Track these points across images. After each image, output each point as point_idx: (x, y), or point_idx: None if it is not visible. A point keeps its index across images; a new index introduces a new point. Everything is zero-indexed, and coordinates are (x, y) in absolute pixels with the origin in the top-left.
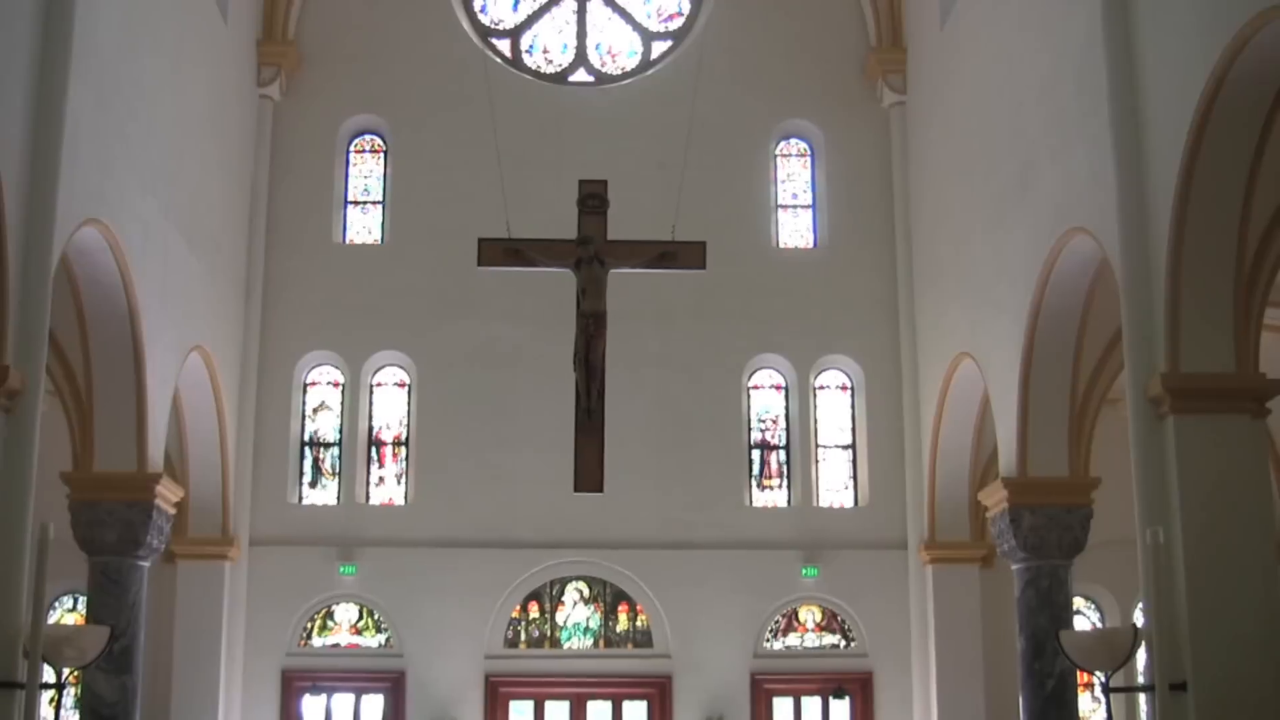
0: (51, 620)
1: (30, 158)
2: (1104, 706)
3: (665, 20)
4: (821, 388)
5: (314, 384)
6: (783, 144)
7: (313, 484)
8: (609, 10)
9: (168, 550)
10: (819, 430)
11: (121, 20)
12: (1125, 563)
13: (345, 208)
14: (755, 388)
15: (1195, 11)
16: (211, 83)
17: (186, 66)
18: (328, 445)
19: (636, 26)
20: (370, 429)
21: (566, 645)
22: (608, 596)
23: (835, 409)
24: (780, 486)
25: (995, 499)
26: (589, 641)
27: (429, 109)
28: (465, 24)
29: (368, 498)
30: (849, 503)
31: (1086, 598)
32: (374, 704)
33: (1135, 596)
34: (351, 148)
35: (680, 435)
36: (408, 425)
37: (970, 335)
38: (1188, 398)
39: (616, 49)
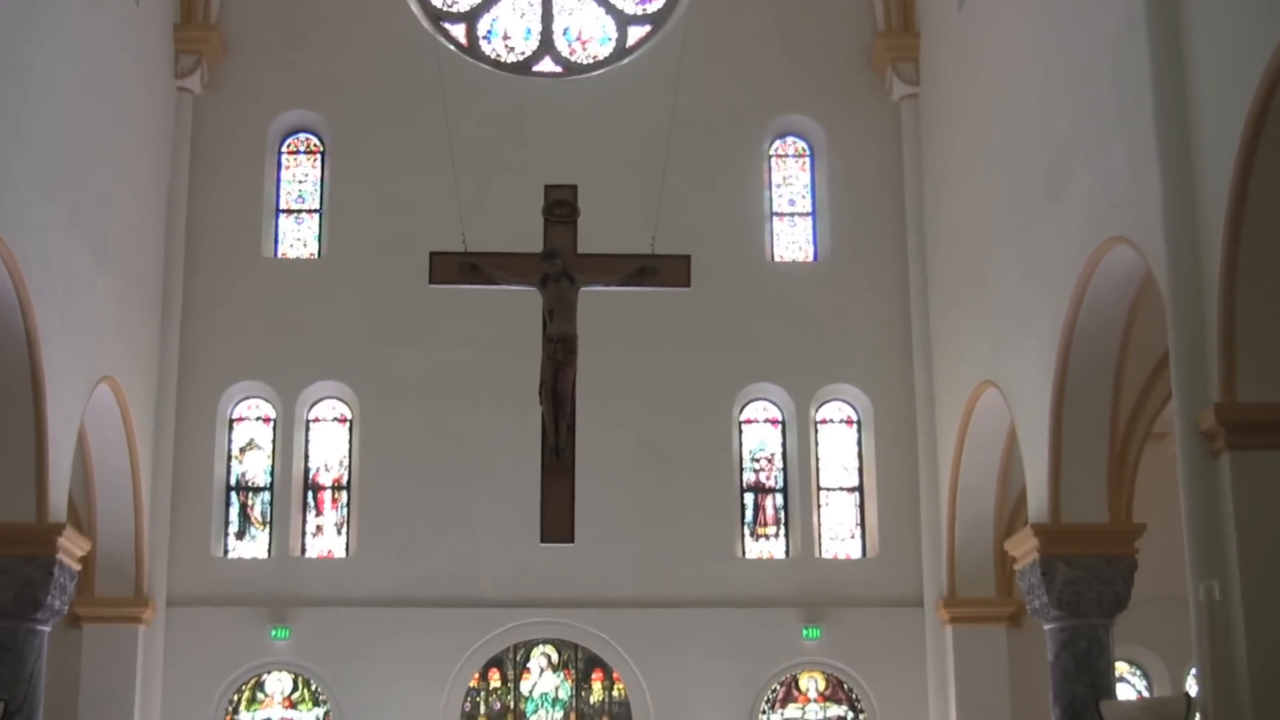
0: None
1: None
2: None
3: (643, 2)
4: (824, 422)
5: (241, 419)
6: (778, 143)
7: (240, 535)
8: None
9: (71, 612)
10: (821, 470)
11: None
12: (1175, 622)
13: (277, 217)
14: (748, 422)
15: None
16: (121, 73)
17: (92, 53)
18: (257, 490)
19: (610, 9)
20: (306, 471)
21: (533, 719)
22: (580, 663)
23: (839, 446)
24: (777, 535)
25: (1024, 549)
26: (558, 715)
27: (372, 104)
28: (414, 6)
29: (303, 550)
30: (856, 553)
31: (1130, 662)
32: None
33: (1187, 661)
34: (284, 148)
35: (662, 477)
36: (349, 466)
37: (994, 361)
38: (1245, 432)
39: (587, 35)
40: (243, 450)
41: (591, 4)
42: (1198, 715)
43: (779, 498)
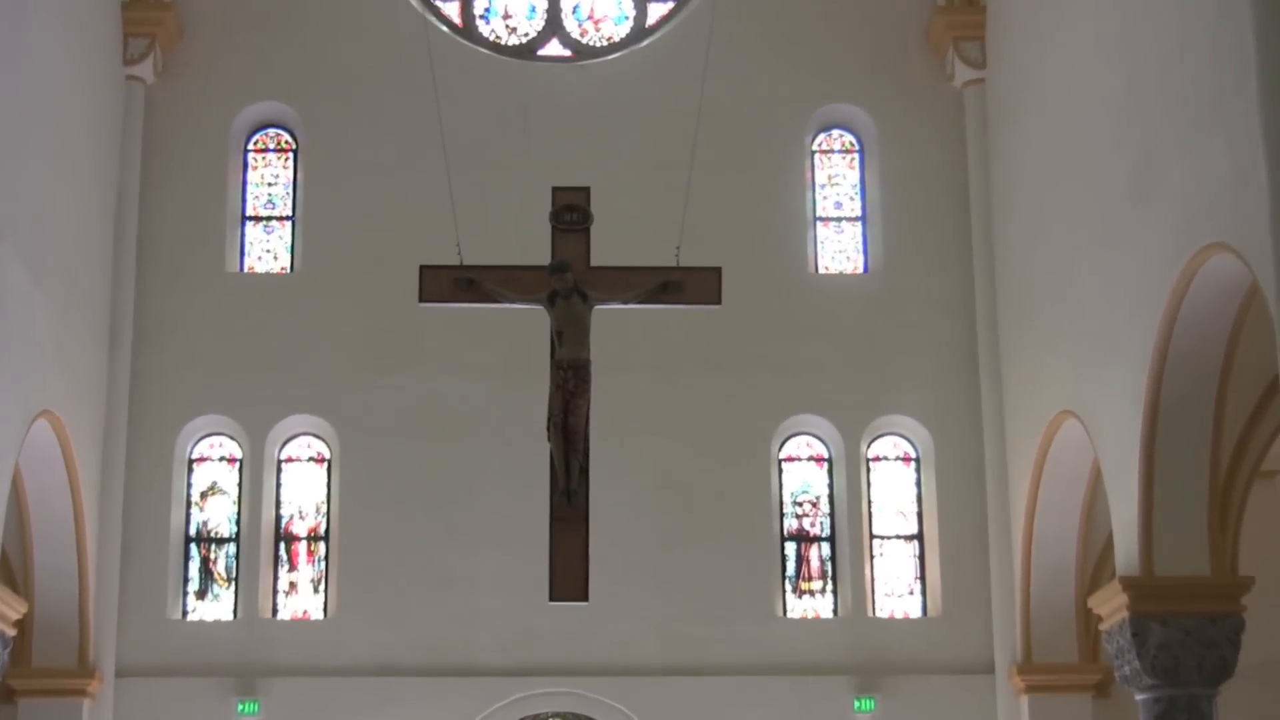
0: None
1: None
2: None
3: None
4: (877, 459)
5: (202, 460)
6: (822, 137)
7: (201, 593)
8: None
9: (5, 685)
10: (874, 516)
11: None
12: None
13: (242, 225)
14: (789, 460)
15: None
16: (61, 59)
17: (25, 36)
18: (221, 541)
19: None
20: (278, 519)
21: None
22: None
23: (895, 487)
24: (823, 591)
25: (1111, 606)
26: None
27: (353, 94)
28: None
29: (275, 611)
30: (915, 612)
31: None
32: None
33: None
34: (250, 146)
35: (690, 524)
36: (327, 514)
37: (1074, 388)
38: None
39: (600, 13)
40: (204, 495)
41: None
42: None
43: (825, 548)
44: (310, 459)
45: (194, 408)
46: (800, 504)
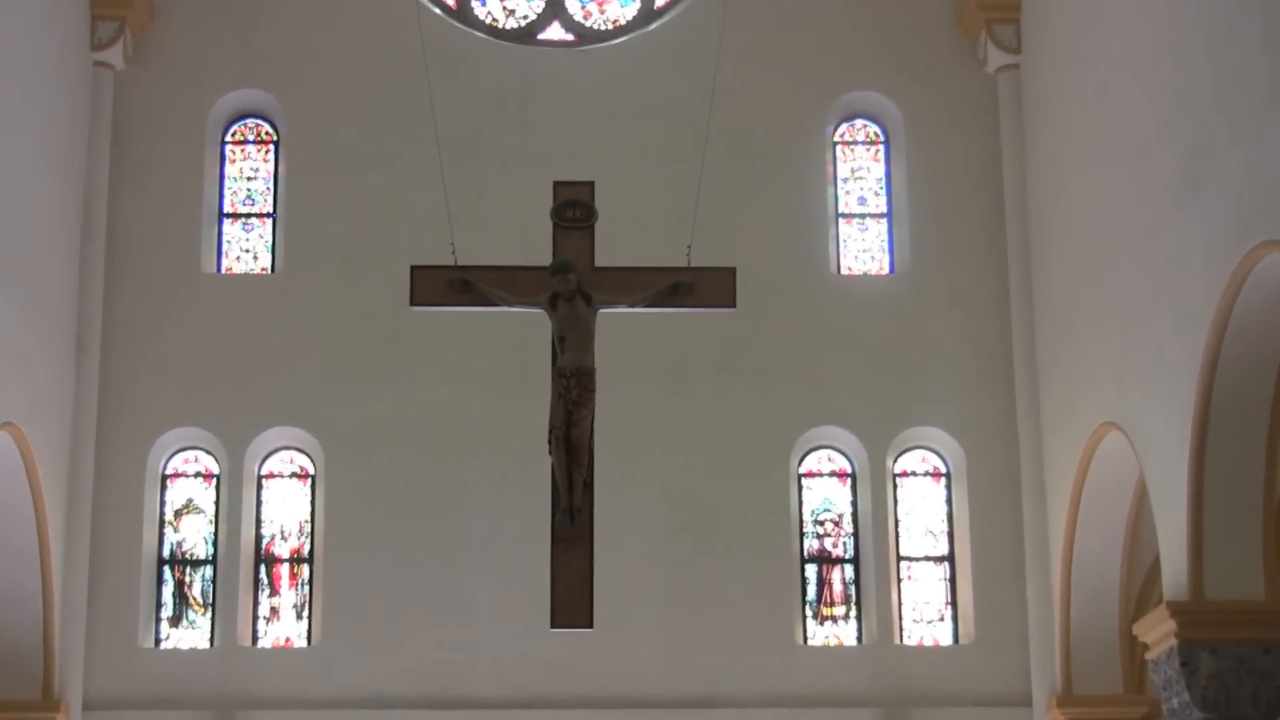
0: None
1: None
2: None
3: None
4: (904, 475)
5: (177, 476)
6: (845, 127)
7: (175, 620)
8: None
9: None
10: (901, 536)
11: None
12: None
13: (220, 223)
14: (809, 475)
15: None
16: (23, 43)
17: None
18: (197, 564)
19: None
20: (258, 540)
21: None
22: None
23: (924, 505)
24: (847, 617)
25: (1158, 633)
26: None
27: (338, 82)
28: None
29: (255, 639)
30: (946, 639)
31: None
32: None
33: None
34: (228, 137)
35: (702, 545)
36: (311, 534)
37: (1117, 397)
38: None
39: None
40: (179, 514)
41: None
42: None
43: (849, 570)
44: (293, 475)
45: (167, 420)
46: (821, 523)
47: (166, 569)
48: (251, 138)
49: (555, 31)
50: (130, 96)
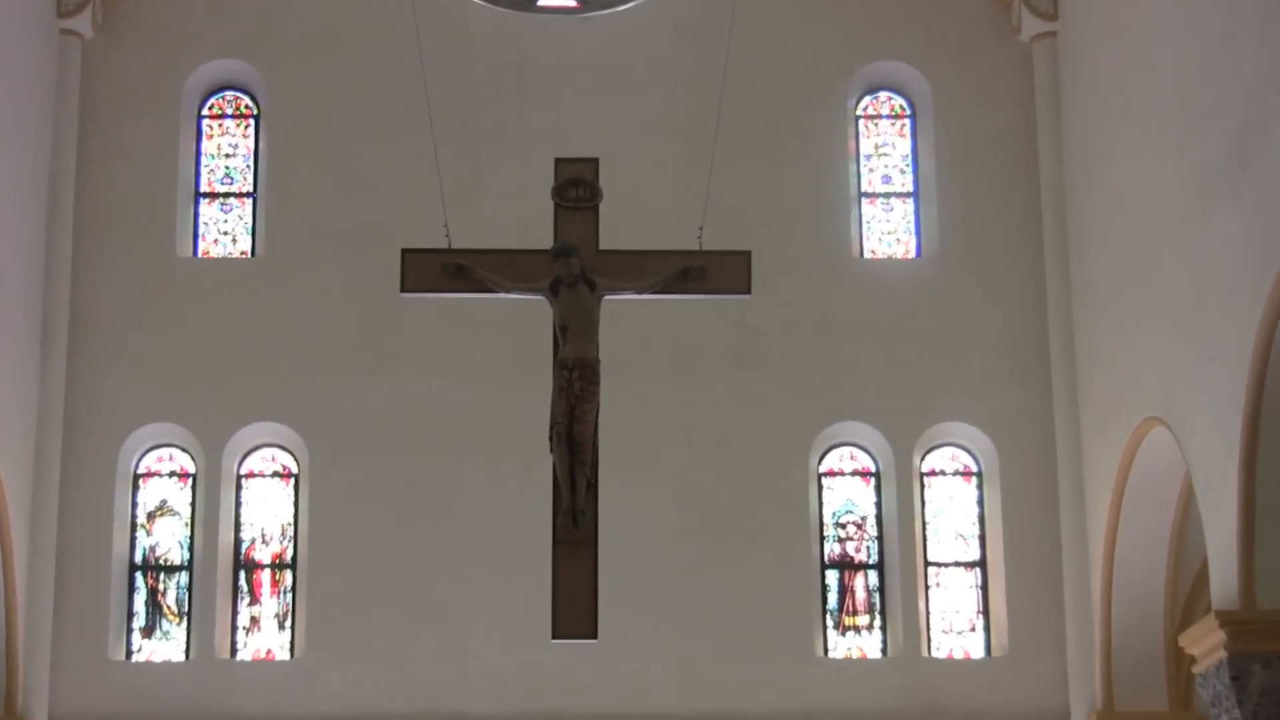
0: None
1: None
2: None
3: None
4: (932, 474)
5: (150, 475)
6: (868, 100)
7: (148, 630)
8: None
9: None
10: (929, 540)
11: None
12: None
13: (196, 203)
14: (830, 474)
15: None
16: None
17: None
18: (171, 570)
19: None
20: (237, 544)
21: None
22: None
23: (954, 506)
24: (871, 627)
25: (1206, 644)
26: None
27: (323, 52)
28: None
29: (234, 650)
30: (977, 651)
31: None
32: None
33: None
34: (205, 111)
35: (715, 549)
36: (294, 538)
37: (1162, 391)
38: None
39: None
40: (151, 517)
41: None
42: None
43: (873, 576)
44: (275, 474)
45: (139, 415)
46: (843, 525)
47: (138, 575)
48: (230, 111)
49: None
50: (100, 67)
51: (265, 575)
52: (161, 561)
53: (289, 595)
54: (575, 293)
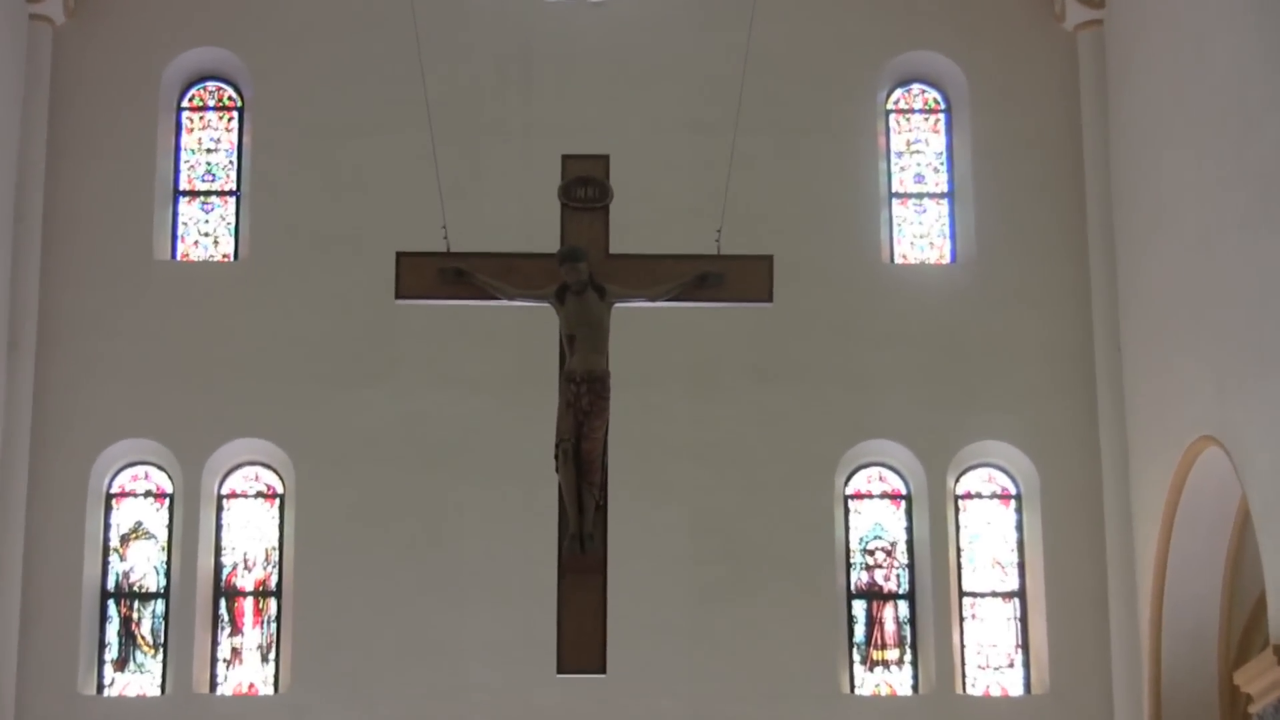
0: None
1: None
2: None
3: None
4: (967, 496)
5: (124, 495)
6: (900, 94)
7: (121, 663)
8: None
9: None
10: (964, 568)
11: None
12: None
13: (175, 202)
14: (857, 497)
15: None
16: None
17: None
18: (147, 597)
19: None
20: (218, 569)
21: None
22: None
23: (991, 532)
24: (901, 662)
25: (1264, 682)
26: None
27: (312, 40)
28: None
29: (213, 685)
30: (1016, 688)
31: None
32: None
33: None
34: (185, 103)
35: (732, 577)
36: (279, 563)
37: (1217, 408)
38: None
39: None
40: (126, 540)
41: None
42: None
43: (903, 607)
44: (258, 494)
45: (113, 430)
46: (871, 552)
47: (111, 603)
48: (212, 103)
49: None
50: (71, 54)
51: (248, 604)
52: (136, 588)
53: (273, 625)
54: (583, 300)
